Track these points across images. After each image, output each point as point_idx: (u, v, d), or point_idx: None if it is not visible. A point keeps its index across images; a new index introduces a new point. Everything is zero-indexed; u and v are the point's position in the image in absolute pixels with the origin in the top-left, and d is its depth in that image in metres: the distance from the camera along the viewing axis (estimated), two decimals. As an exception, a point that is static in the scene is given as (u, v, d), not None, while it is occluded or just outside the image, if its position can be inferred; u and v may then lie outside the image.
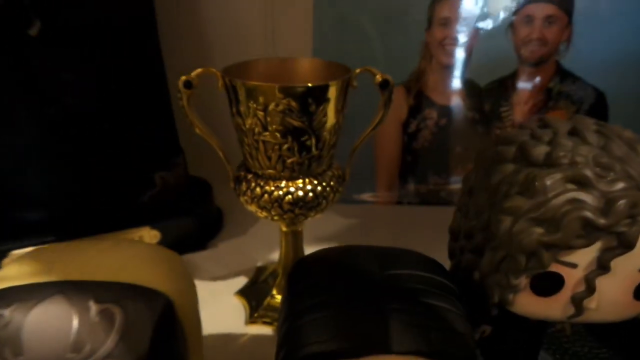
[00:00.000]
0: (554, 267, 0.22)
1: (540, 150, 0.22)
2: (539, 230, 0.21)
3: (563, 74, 0.56)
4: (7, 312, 0.20)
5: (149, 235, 0.48)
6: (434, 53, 0.56)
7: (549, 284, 0.22)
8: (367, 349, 0.20)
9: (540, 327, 0.27)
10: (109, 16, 0.44)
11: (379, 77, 0.34)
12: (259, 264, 0.48)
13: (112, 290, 0.21)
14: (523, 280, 0.23)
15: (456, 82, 0.57)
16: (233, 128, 0.35)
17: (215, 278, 0.46)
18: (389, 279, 0.22)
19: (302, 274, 0.24)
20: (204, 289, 0.44)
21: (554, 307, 0.23)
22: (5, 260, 0.43)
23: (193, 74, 0.34)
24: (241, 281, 0.46)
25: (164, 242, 0.48)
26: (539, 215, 0.21)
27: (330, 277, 0.23)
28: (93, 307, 0.20)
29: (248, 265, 0.48)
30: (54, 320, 0.20)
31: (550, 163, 0.22)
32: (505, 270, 0.23)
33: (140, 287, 0.22)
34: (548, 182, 0.21)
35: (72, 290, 0.21)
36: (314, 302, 0.22)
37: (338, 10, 0.54)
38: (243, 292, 0.43)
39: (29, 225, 0.45)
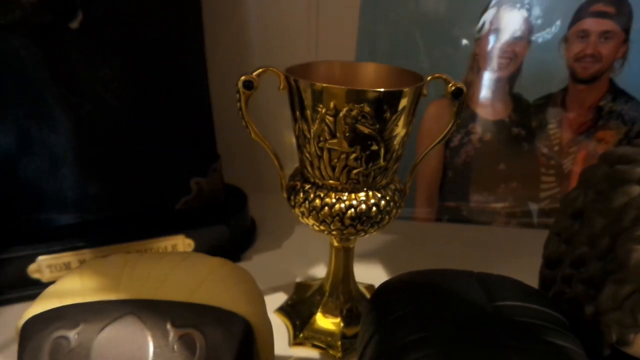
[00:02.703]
0: (692, 306, 0.19)
1: (675, 172, 0.20)
2: (681, 263, 0.19)
3: (616, 92, 0.54)
4: (72, 335, 0.17)
5: (184, 243, 0.45)
6: (482, 66, 0.54)
7: (681, 325, 0.20)
8: (491, 396, 0.17)
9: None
10: (152, 12, 0.42)
11: (452, 86, 0.32)
12: (298, 279, 0.45)
13: (190, 313, 0.19)
14: (651, 319, 0.20)
15: (504, 97, 0.55)
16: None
17: (252, 293, 0.43)
18: (500, 311, 0.20)
19: (393, 300, 0.21)
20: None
21: (682, 351, 0.20)
22: (32, 267, 0.40)
23: (254, 73, 0.31)
24: (280, 297, 0.43)
25: (197, 252, 0.46)
26: (683, 247, 0.18)
27: (432, 307, 0.20)
28: (171, 332, 0.18)
29: (285, 280, 0.45)
30: (126, 346, 0.17)
31: (690, 187, 0.19)
32: (631, 307, 0.20)
33: (219, 310, 0.19)
34: (693, 209, 0.19)
35: (146, 310, 0.18)
36: (418, 336, 0.19)
37: (384, 17, 0.52)
38: (284, 310, 0.40)
39: (59, 228, 0.42)
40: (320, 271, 0.47)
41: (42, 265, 0.41)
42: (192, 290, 0.19)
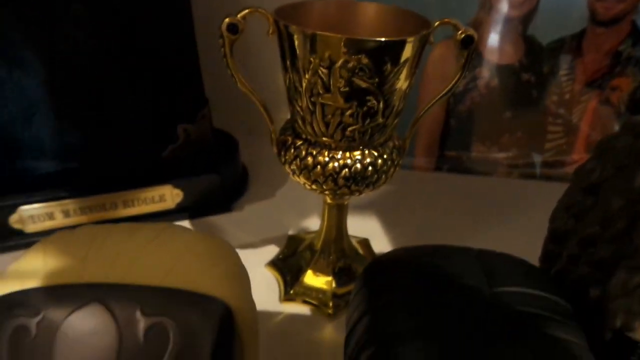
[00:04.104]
0: None
1: None
2: None
3: (638, 36, 0.50)
4: (32, 324, 0.16)
5: (171, 194, 0.43)
6: (495, 3, 0.49)
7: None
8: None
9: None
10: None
11: (461, 33, 0.29)
12: (290, 231, 0.44)
13: (161, 299, 0.17)
14: (661, 308, 0.19)
15: (515, 39, 0.51)
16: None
17: (243, 246, 0.42)
18: (499, 299, 0.18)
19: (385, 282, 0.20)
20: (231, 257, 0.41)
21: (689, 339, 0.19)
22: (13, 217, 0.39)
23: (239, 15, 0.28)
24: (271, 250, 0.42)
25: (186, 203, 0.44)
26: None
27: (426, 293, 0.18)
28: (141, 321, 0.16)
29: (278, 232, 0.44)
30: (92, 337, 0.16)
31: None
32: (641, 295, 0.18)
33: (194, 295, 0.18)
34: None
35: (113, 297, 0.17)
36: (408, 326, 0.17)
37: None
38: (275, 264, 0.39)
39: (40, 177, 0.40)
40: (314, 222, 0.45)
41: (23, 216, 0.39)
42: (165, 273, 0.18)
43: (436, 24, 0.28)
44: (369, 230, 0.45)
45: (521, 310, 0.18)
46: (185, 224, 0.44)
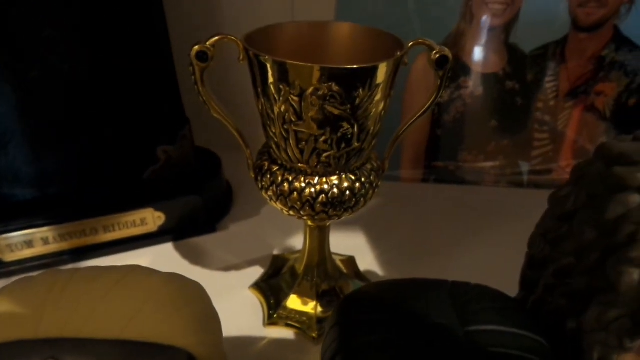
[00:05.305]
0: (684, 333, 0.17)
1: (682, 183, 0.17)
2: (678, 291, 0.16)
3: (620, 41, 0.50)
4: (-16, 388, 0.15)
5: (153, 217, 0.43)
6: (476, 13, 0.49)
7: (670, 349, 0.18)
8: None
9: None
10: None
11: (436, 53, 0.28)
12: (275, 251, 0.44)
13: (120, 353, 0.16)
14: (638, 343, 0.18)
15: (498, 47, 0.50)
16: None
17: (227, 267, 0.42)
18: (472, 340, 0.18)
19: (359, 321, 0.19)
20: (215, 280, 0.40)
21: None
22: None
23: (208, 42, 0.27)
24: (256, 272, 0.41)
25: (169, 225, 0.44)
26: (683, 274, 0.16)
27: (400, 335, 0.18)
28: (98, 381, 0.16)
29: (263, 252, 0.44)
30: (46, 401, 0.15)
31: (698, 202, 0.17)
32: (617, 330, 0.18)
33: (155, 346, 0.17)
34: (698, 231, 0.16)
35: (68, 352, 0.16)
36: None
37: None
38: (259, 287, 0.39)
39: (17, 205, 0.40)
40: (299, 241, 0.45)
41: (1, 245, 0.38)
42: (125, 324, 0.17)
43: (410, 44, 0.28)
44: (355, 246, 0.44)
45: (495, 352, 0.18)
46: (169, 246, 0.44)
